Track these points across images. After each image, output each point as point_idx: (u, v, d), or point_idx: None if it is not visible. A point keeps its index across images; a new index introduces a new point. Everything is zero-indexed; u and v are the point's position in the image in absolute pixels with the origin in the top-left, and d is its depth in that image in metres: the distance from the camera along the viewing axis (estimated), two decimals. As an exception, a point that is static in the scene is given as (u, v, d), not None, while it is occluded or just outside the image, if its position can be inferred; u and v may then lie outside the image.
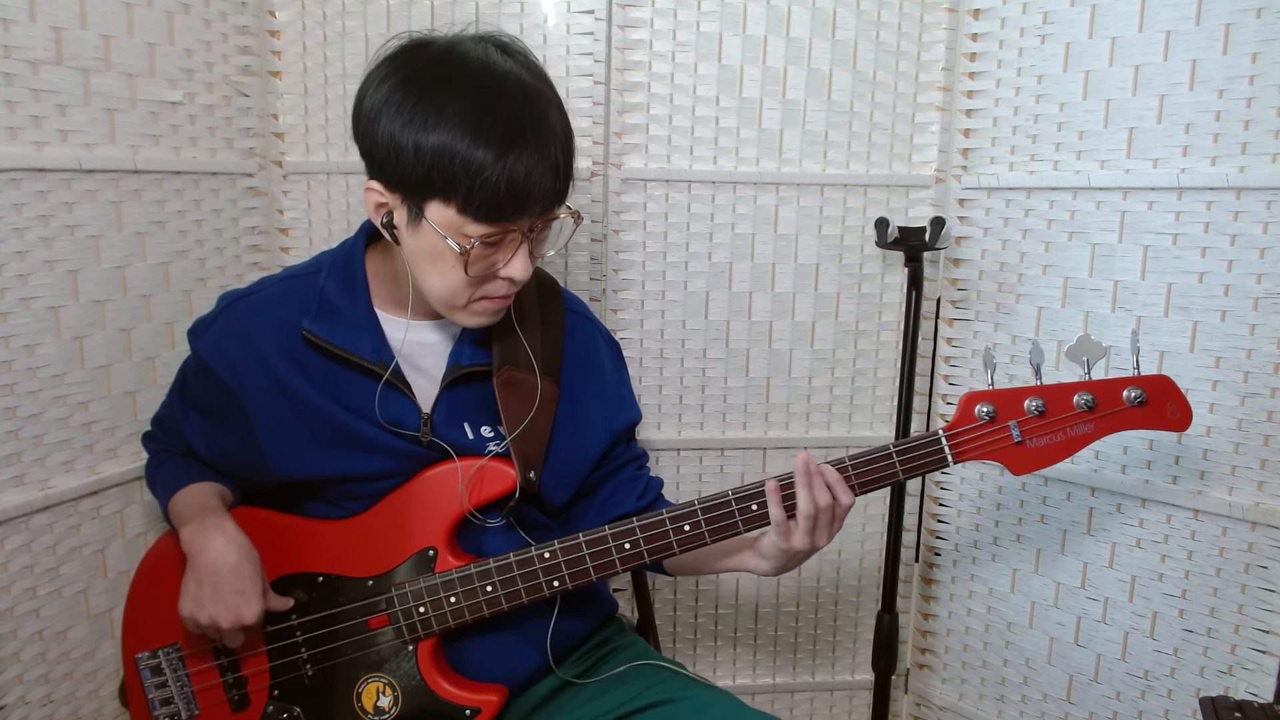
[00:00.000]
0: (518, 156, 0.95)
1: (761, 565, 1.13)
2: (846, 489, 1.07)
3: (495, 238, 0.99)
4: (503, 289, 1.05)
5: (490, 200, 0.95)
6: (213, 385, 1.17)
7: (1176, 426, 1.09)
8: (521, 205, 0.97)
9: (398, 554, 1.13)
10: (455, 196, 0.96)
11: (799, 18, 1.58)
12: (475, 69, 0.98)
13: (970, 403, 1.08)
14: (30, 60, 1.20)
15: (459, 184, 0.95)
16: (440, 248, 1.00)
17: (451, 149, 0.94)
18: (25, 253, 1.22)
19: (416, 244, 1.02)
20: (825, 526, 1.07)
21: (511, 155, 0.95)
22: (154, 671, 1.17)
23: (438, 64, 0.99)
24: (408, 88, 0.97)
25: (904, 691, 1.83)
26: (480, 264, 1.01)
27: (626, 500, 1.24)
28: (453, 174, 0.95)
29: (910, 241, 1.47)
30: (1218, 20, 1.32)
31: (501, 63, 1.00)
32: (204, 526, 1.10)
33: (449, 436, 1.14)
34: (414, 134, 0.95)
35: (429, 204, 0.98)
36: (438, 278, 1.03)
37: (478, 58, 0.99)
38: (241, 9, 1.54)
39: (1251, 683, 1.38)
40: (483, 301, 1.06)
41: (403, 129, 0.96)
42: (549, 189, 0.98)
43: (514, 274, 1.03)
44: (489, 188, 0.95)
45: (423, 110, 0.96)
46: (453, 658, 1.15)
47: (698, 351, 1.68)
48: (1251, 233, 1.33)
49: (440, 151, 0.94)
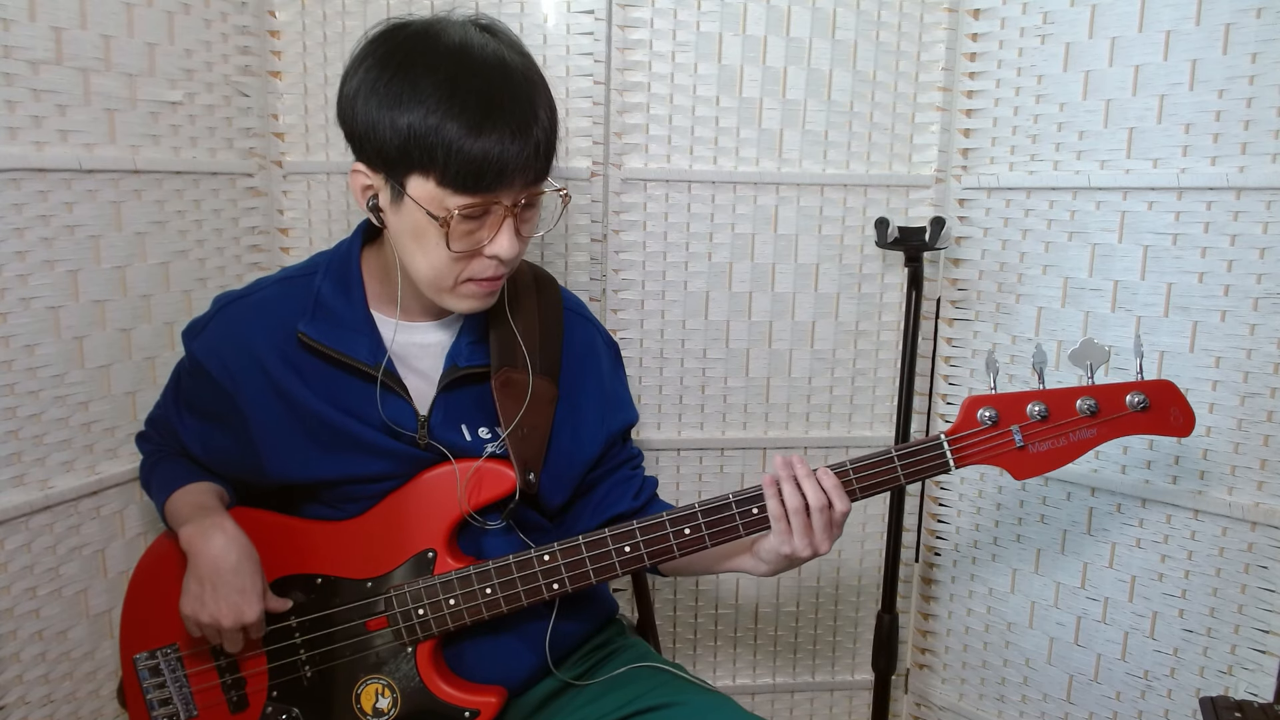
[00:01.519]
0: (493, 127, 0.95)
1: (759, 567, 1.12)
2: (843, 494, 1.06)
3: (476, 209, 0.98)
4: (490, 269, 1.04)
5: (467, 170, 0.95)
6: (208, 387, 1.16)
7: (1179, 432, 1.09)
8: (499, 175, 0.97)
9: (397, 556, 1.13)
10: (434, 169, 0.96)
11: (799, 18, 1.58)
12: (451, 45, 0.99)
13: (973, 407, 1.08)
14: (30, 60, 1.20)
15: (436, 155, 0.95)
16: (423, 224, 1.00)
17: (426, 121, 0.94)
18: (25, 253, 1.22)
19: (401, 223, 1.02)
20: (823, 529, 1.06)
21: (487, 125, 0.95)
22: (152, 672, 1.17)
23: (413, 41, 0.99)
24: (384, 64, 0.98)
25: (904, 691, 1.83)
26: (463, 240, 1.00)
27: (622, 500, 1.24)
28: (429, 145, 0.95)
29: (910, 241, 1.47)
30: (1218, 20, 1.32)
31: (480, 39, 1.00)
32: (204, 526, 1.10)
33: (446, 438, 1.13)
34: (391, 109, 0.96)
35: (409, 179, 0.98)
36: (423, 256, 1.02)
37: (454, 35, 1.00)
38: (241, 9, 1.54)
39: (1251, 683, 1.38)
40: (470, 284, 1.05)
41: (380, 105, 0.97)
42: (528, 161, 0.98)
43: (500, 251, 1.01)
44: (465, 157, 0.95)
45: (398, 85, 0.96)
46: (452, 659, 1.15)
47: (698, 351, 1.68)
48: (1251, 233, 1.33)
49: (416, 125, 0.95)
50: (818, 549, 1.07)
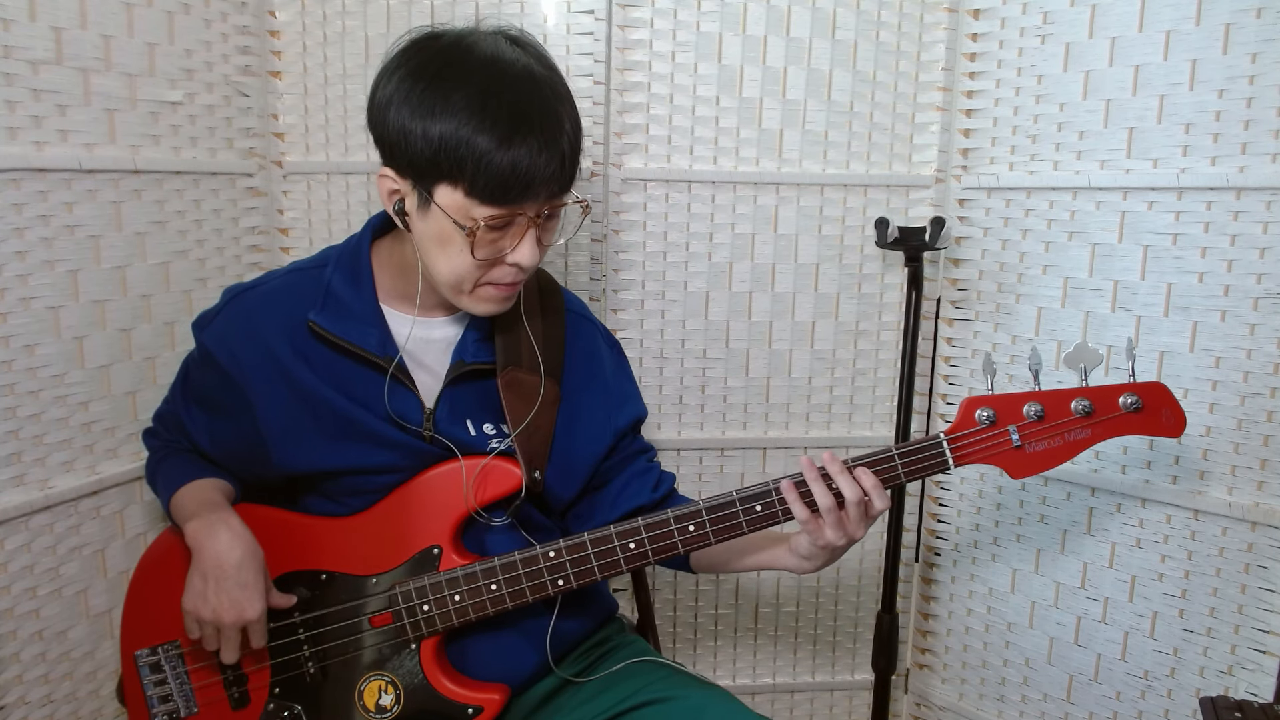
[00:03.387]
0: (523, 140, 0.97)
1: (802, 565, 1.13)
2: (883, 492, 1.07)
3: (502, 221, 1.00)
4: (510, 275, 1.06)
5: (496, 182, 0.97)
6: (216, 378, 1.17)
7: (1171, 432, 1.11)
8: (526, 188, 0.99)
9: (402, 552, 1.13)
10: (462, 180, 0.98)
11: (799, 18, 1.58)
12: (483, 58, 1.00)
13: (971, 407, 1.10)
14: (30, 60, 1.20)
15: (465, 167, 0.97)
16: (448, 231, 1.02)
17: (458, 133, 0.96)
18: (25, 253, 1.22)
19: (426, 229, 1.04)
20: (858, 519, 1.07)
21: (516, 139, 0.96)
22: (153, 669, 1.17)
23: (446, 53, 1.01)
24: (416, 76, 1.00)
25: (904, 691, 1.83)
26: (487, 248, 1.02)
27: (641, 493, 1.24)
28: (459, 157, 0.97)
29: (910, 241, 1.47)
30: (1218, 20, 1.32)
31: (510, 52, 1.02)
32: (209, 522, 1.10)
33: (451, 433, 1.14)
34: (422, 119, 0.98)
35: (437, 188, 1.00)
36: (445, 261, 1.04)
37: (486, 48, 1.01)
38: (241, 9, 1.54)
39: (1251, 683, 1.38)
40: (489, 288, 1.07)
41: (411, 115, 0.98)
42: (554, 174, 1.00)
43: (522, 260, 1.04)
44: (494, 170, 0.97)
45: (430, 96, 0.98)
46: (454, 657, 1.15)
47: (698, 351, 1.68)
48: (1251, 233, 1.33)
49: (447, 136, 0.97)
50: (853, 536, 1.08)
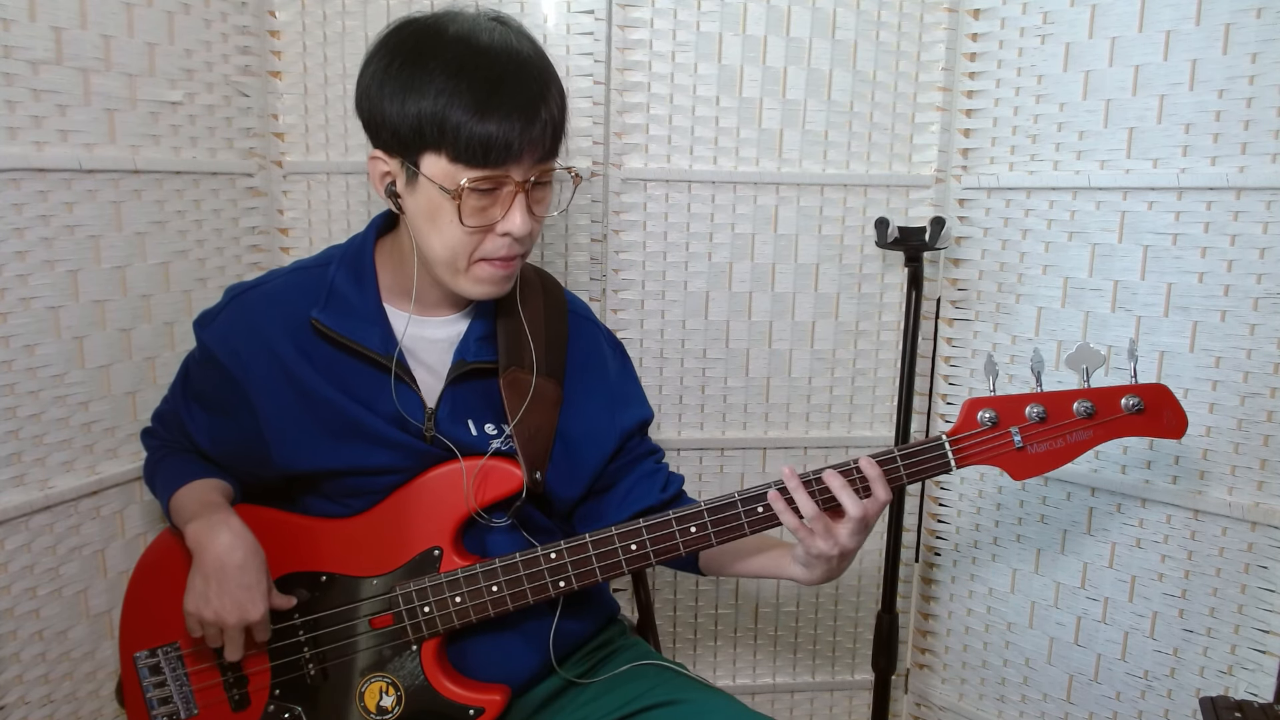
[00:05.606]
0: (500, 104, 0.99)
1: (806, 574, 1.12)
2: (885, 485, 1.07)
3: (487, 183, 1.01)
4: (503, 248, 1.06)
5: (477, 144, 0.99)
6: (217, 377, 1.17)
7: (1172, 434, 1.11)
8: (507, 149, 1.00)
9: (403, 553, 1.13)
10: (445, 146, 1.00)
11: (799, 18, 1.58)
12: (459, 32, 1.02)
13: (973, 408, 1.10)
14: (30, 60, 1.20)
15: (446, 132, 0.99)
16: (437, 201, 1.02)
17: (436, 102, 0.99)
18: (25, 253, 1.22)
19: (417, 205, 1.05)
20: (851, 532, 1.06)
21: (494, 102, 0.98)
22: (152, 670, 1.17)
23: (423, 31, 1.04)
24: (394, 53, 1.03)
25: (904, 691, 1.83)
26: (477, 216, 1.03)
27: (649, 494, 1.24)
28: (440, 123, 0.99)
29: (910, 241, 1.47)
30: (1218, 20, 1.32)
31: (488, 26, 1.04)
32: (210, 523, 1.10)
33: (452, 433, 1.14)
34: (403, 94, 1.01)
35: (423, 158, 1.02)
36: (437, 236, 1.05)
37: (463, 24, 1.04)
38: (241, 9, 1.54)
39: (1251, 683, 1.38)
40: (484, 265, 1.07)
41: (393, 92, 1.01)
42: (535, 138, 1.01)
43: (513, 228, 1.04)
44: (475, 133, 0.98)
45: (410, 69, 1.01)
46: (454, 658, 1.15)
47: (698, 351, 1.68)
48: (1251, 233, 1.33)
49: (425, 107, 0.99)
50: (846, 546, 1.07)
